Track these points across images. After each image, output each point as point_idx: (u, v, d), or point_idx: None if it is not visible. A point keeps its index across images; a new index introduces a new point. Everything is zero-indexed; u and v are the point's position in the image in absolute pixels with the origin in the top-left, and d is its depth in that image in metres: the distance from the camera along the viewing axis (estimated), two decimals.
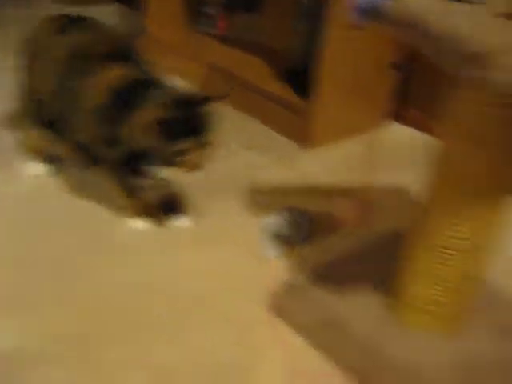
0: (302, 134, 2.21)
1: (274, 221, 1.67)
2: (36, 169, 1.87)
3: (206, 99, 1.47)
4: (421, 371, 1.26)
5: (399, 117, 2.41)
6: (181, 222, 1.68)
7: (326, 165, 2.07)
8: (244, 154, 2.13)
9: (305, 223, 1.69)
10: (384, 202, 1.81)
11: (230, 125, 2.24)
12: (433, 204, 1.25)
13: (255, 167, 2.04)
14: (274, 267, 1.58)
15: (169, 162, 1.48)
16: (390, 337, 1.34)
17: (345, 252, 1.60)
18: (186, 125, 1.44)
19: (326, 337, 1.37)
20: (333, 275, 1.50)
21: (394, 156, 2.08)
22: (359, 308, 1.40)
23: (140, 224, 1.66)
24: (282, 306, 1.44)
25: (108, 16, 3.08)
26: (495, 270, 1.47)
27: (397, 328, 1.36)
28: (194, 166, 1.49)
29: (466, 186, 1.17)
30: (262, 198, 1.87)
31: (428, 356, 1.30)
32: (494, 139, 1.12)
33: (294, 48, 2.37)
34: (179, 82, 2.60)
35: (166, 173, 1.58)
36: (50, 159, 1.88)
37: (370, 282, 1.47)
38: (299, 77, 2.28)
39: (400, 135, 2.33)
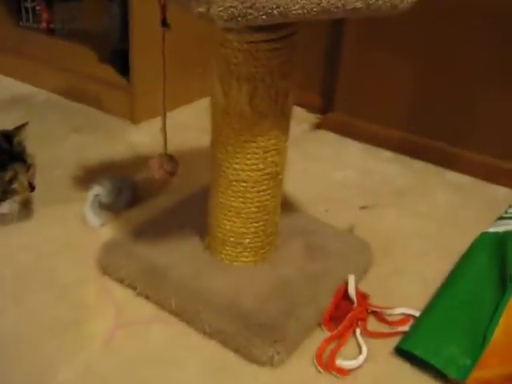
0: (128, 111, 2.27)
1: (96, 191, 1.72)
2: None
3: (17, 129, 1.62)
4: (241, 302, 1.34)
5: None
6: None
7: (151, 136, 2.13)
8: (72, 136, 2.16)
9: (127, 189, 1.74)
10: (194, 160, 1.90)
11: (59, 114, 2.28)
12: (217, 142, 1.34)
13: (83, 146, 2.08)
14: (99, 234, 1.63)
15: (3, 194, 1.59)
16: (209, 275, 1.42)
17: (164, 209, 1.66)
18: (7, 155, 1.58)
19: (149, 285, 1.42)
20: (152, 230, 1.56)
21: None
22: (178, 254, 1.47)
23: None
24: (107, 264, 1.49)
25: None
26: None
27: (214, 266, 1.45)
28: (26, 189, 1.61)
29: (236, 119, 1.26)
30: (88, 173, 1.91)
31: (246, 286, 1.39)
32: (250, 73, 1.22)
33: (113, 30, 2.42)
34: (7, 81, 2.60)
35: None
36: None
37: (189, 230, 1.55)
38: (121, 57, 2.33)
39: None
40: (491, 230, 1.65)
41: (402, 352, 1.31)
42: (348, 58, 2.18)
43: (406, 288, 1.50)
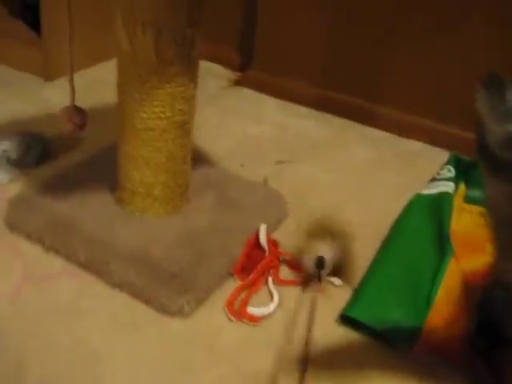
0: (41, 67, 2.19)
1: (4, 146, 1.66)
2: None
3: None
4: (150, 253, 1.33)
5: None
6: None
7: (66, 93, 2.06)
8: None
9: (36, 145, 1.69)
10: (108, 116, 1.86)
11: None
12: (124, 90, 1.31)
13: None
14: (8, 191, 1.57)
15: None
16: (118, 227, 1.40)
17: (75, 163, 1.62)
18: None
19: (57, 239, 1.39)
20: (62, 185, 1.52)
21: None
22: (88, 207, 1.44)
23: None
24: (13, 220, 1.45)
25: None
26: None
27: (124, 217, 1.43)
28: None
29: (142, 66, 1.24)
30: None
31: (156, 237, 1.38)
32: (155, 19, 1.19)
33: None
34: None
35: None
36: None
37: (100, 184, 1.52)
38: (32, 11, 2.24)
39: None
40: (425, 191, 1.66)
41: (346, 318, 1.29)
42: (265, 15, 2.17)
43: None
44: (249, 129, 2.00)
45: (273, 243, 1.43)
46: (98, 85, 2.00)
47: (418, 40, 1.91)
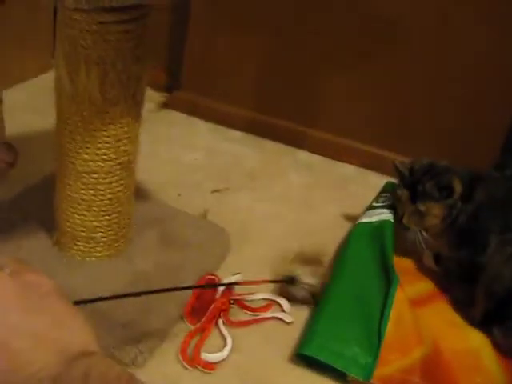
0: None
1: None
2: None
3: None
4: (97, 292, 1.23)
5: None
6: None
7: None
8: None
9: None
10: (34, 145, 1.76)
11: None
12: (64, 131, 1.23)
13: None
14: None
15: None
16: (60, 273, 1.31)
17: (3, 200, 1.52)
18: None
19: None
20: None
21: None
22: (25, 250, 1.35)
23: None
24: None
25: None
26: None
27: (66, 264, 1.35)
28: None
29: (84, 106, 1.17)
30: None
31: (101, 284, 1.31)
32: (100, 57, 1.12)
33: None
34: None
35: None
36: None
37: (34, 225, 1.42)
38: None
39: None
40: (365, 220, 1.64)
41: (301, 357, 1.27)
42: (195, 34, 2.12)
43: (265, 274, 1.48)
44: (182, 156, 1.95)
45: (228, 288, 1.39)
46: (14, 109, 1.87)
47: (351, 64, 1.92)
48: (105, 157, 1.23)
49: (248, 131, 2.11)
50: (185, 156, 1.96)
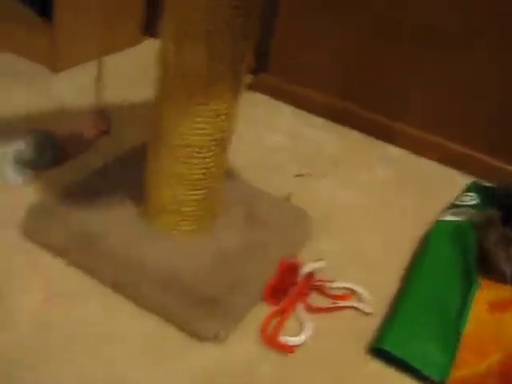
0: (48, 57, 2.08)
1: (15, 147, 1.57)
2: None
3: None
4: (183, 275, 1.27)
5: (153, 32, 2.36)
6: None
7: (75, 86, 1.97)
8: None
9: (49, 146, 1.60)
10: (126, 115, 1.78)
11: None
12: (163, 103, 1.23)
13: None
14: (22, 194, 1.49)
15: None
16: (146, 245, 1.33)
17: (94, 169, 1.54)
18: None
19: (81, 254, 1.31)
20: (82, 192, 1.45)
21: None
22: (112, 220, 1.37)
23: None
24: (33, 230, 1.37)
25: None
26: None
27: (152, 235, 1.35)
28: None
29: (189, 80, 1.16)
30: (5, 124, 1.75)
31: (188, 258, 1.32)
32: (208, 31, 1.12)
33: None
34: None
35: None
36: None
37: (121, 194, 1.44)
38: None
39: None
40: (447, 218, 1.62)
41: (376, 351, 1.25)
42: (285, 18, 2.10)
43: (345, 263, 1.47)
44: (265, 137, 1.94)
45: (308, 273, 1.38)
46: (109, 77, 1.90)
47: (445, 58, 1.87)
48: (201, 131, 1.23)
49: (331, 119, 2.08)
50: (268, 138, 1.96)
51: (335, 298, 1.37)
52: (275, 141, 1.93)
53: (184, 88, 1.17)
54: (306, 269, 1.35)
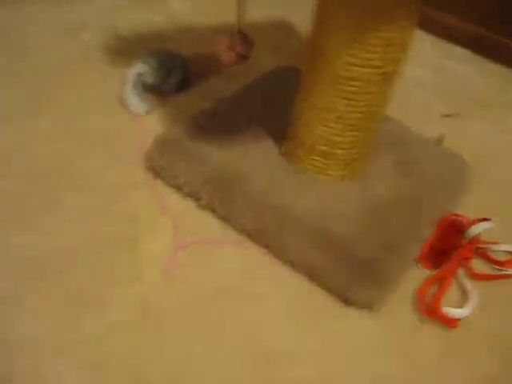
0: None
1: (139, 70, 1.40)
2: None
3: None
4: (332, 229, 1.10)
5: None
6: None
7: (193, 3, 1.79)
8: None
9: (177, 68, 1.44)
10: (265, 36, 1.58)
11: None
12: (326, 27, 1.03)
13: (113, 9, 1.73)
14: (146, 123, 1.34)
15: None
16: (291, 189, 1.17)
17: (227, 96, 1.37)
18: None
19: (217, 197, 1.17)
20: (215, 124, 1.28)
21: None
22: (250, 159, 1.21)
23: None
24: (161, 166, 1.22)
25: None
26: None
27: (297, 177, 1.19)
28: None
29: (357, 2, 0.96)
30: (124, 44, 1.58)
31: (336, 209, 1.15)
32: None
33: None
34: None
35: None
36: None
37: (259, 127, 1.27)
38: None
39: None
40: None
41: None
42: None
43: (508, 222, 1.26)
44: (407, 71, 1.71)
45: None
46: None
47: None
48: (370, 62, 1.04)
49: (472, 49, 1.82)
50: (410, 72, 1.72)
51: (501, 264, 1.17)
52: (417, 75, 1.70)
53: (350, 9, 0.98)
54: (474, 230, 1.15)
